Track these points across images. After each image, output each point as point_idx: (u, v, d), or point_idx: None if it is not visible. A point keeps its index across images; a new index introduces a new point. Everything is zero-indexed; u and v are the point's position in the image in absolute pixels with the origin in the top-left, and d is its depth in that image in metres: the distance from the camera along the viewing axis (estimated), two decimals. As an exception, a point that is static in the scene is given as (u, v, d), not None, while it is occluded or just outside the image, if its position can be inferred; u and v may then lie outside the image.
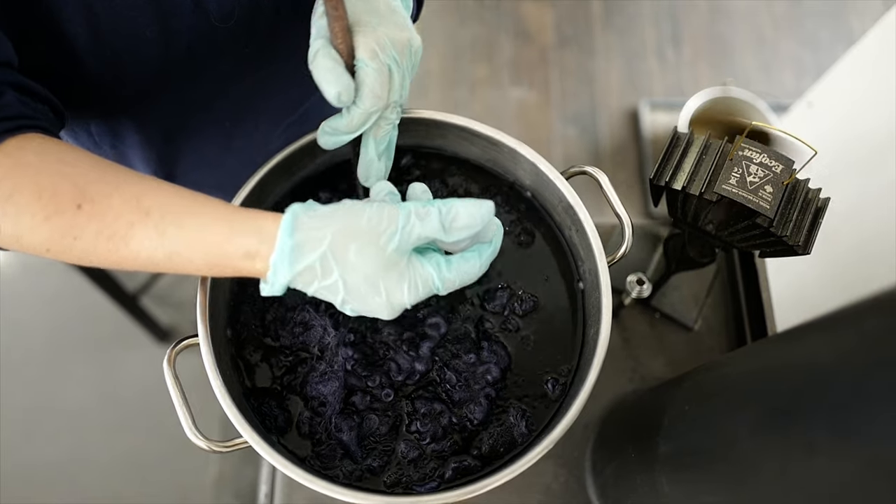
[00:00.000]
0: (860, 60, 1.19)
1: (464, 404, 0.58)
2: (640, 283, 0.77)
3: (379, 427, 0.57)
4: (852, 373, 0.32)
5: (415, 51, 0.50)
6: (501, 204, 0.67)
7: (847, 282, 0.99)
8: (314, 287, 0.44)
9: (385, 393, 0.58)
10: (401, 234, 0.43)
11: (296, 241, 0.43)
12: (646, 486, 0.56)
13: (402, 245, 0.44)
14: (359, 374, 0.58)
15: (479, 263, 0.48)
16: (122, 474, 1.66)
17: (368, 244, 0.43)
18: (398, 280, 0.45)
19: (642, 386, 0.82)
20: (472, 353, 0.59)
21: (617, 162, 2.03)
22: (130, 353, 1.77)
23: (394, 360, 0.59)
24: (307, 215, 0.43)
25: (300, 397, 0.58)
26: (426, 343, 0.59)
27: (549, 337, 0.62)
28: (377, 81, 0.47)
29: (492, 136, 0.62)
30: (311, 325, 0.59)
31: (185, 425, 0.52)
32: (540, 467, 0.78)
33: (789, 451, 0.36)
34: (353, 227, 0.43)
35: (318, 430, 0.57)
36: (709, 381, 0.51)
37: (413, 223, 0.44)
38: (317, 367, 0.58)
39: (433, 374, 0.59)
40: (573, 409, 0.52)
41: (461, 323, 0.61)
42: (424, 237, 0.45)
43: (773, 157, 0.60)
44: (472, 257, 0.48)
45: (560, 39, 2.21)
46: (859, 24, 2.24)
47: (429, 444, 0.57)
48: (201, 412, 0.54)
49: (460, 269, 0.47)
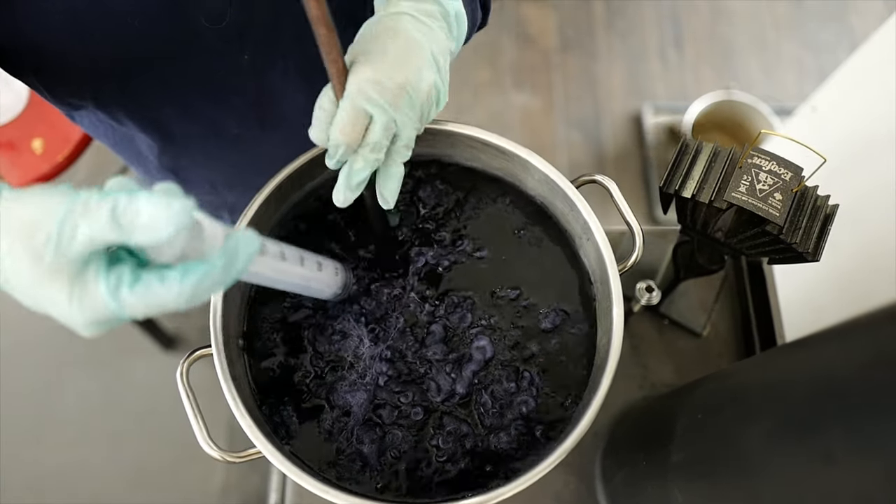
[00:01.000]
0: (864, 64, 1.19)
1: (493, 431, 0.58)
2: (649, 291, 0.78)
3: (402, 443, 0.57)
4: (869, 383, 0.32)
5: (417, 89, 0.47)
6: (511, 212, 0.67)
7: (854, 287, 0.99)
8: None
9: (415, 411, 0.58)
10: (58, 232, 0.33)
11: None
12: (657, 495, 0.57)
13: (61, 248, 0.33)
14: (391, 389, 0.58)
15: (178, 286, 0.35)
16: (127, 482, 1.66)
17: (21, 243, 0.33)
18: (65, 295, 0.34)
19: (652, 393, 0.83)
20: (513, 382, 0.59)
21: (620, 166, 2.03)
22: (136, 360, 1.78)
23: (434, 379, 0.59)
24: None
25: (326, 403, 0.59)
26: (470, 366, 0.59)
27: (561, 346, 0.62)
28: (342, 120, 0.46)
29: (502, 145, 0.62)
30: (348, 335, 0.60)
31: (199, 437, 0.52)
32: (550, 475, 0.77)
33: (805, 461, 0.36)
34: (13, 218, 0.34)
35: (338, 439, 0.57)
36: (722, 390, 0.51)
37: (75, 218, 0.33)
38: (347, 377, 0.59)
39: (471, 396, 0.59)
40: (585, 418, 0.52)
41: (506, 348, 0.61)
42: (93, 238, 0.33)
43: (782, 164, 0.61)
44: (171, 276, 0.35)
45: (562, 43, 2.21)
46: (861, 25, 2.24)
47: (444, 461, 0.57)
48: (209, 421, 0.55)
49: (149, 289, 0.35)
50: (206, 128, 0.70)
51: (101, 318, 0.35)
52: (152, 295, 0.35)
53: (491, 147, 0.63)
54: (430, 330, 0.61)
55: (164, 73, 0.60)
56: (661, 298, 0.85)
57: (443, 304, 0.62)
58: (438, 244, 0.65)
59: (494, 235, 0.66)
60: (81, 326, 0.35)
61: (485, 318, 0.61)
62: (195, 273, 0.35)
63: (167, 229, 0.33)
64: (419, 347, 0.60)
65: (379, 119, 0.46)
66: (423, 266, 0.64)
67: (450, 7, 0.52)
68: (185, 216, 0.34)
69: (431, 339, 0.60)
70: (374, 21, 0.50)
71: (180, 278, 0.35)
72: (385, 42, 0.48)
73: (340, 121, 0.46)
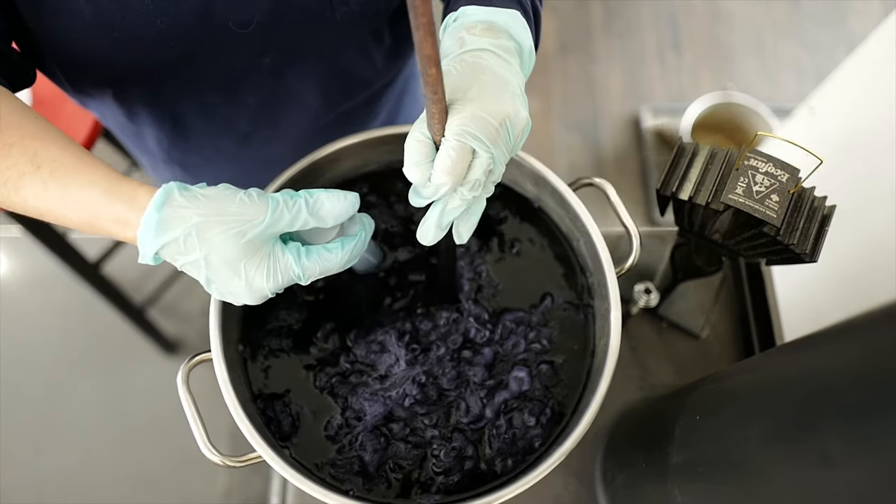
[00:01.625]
0: (862, 64, 1.19)
1: (498, 457, 0.58)
2: (647, 293, 0.78)
3: (404, 457, 0.57)
4: (865, 383, 0.32)
5: (514, 124, 0.47)
6: (509, 215, 0.67)
7: (853, 287, 0.99)
8: (180, 262, 0.46)
9: (432, 435, 0.58)
10: (269, 219, 0.45)
11: (162, 215, 0.44)
12: (658, 496, 0.57)
13: (265, 231, 0.46)
14: (415, 411, 0.58)
15: (340, 253, 0.49)
16: (130, 487, 1.66)
17: (232, 228, 0.45)
18: (258, 265, 0.46)
19: (651, 394, 0.83)
20: (533, 417, 0.59)
21: (619, 168, 2.03)
22: (138, 365, 1.78)
23: (465, 399, 0.59)
24: (180, 193, 0.45)
25: (340, 403, 0.59)
26: (503, 394, 0.59)
27: (559, 349, 0.62)
28: (448, 159, 0.44)
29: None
30: (386, 349, 0.60)
31: (199, 441, 0.53)
32: (550, 477, 0.78)
33: (803, 462, 0.36)
34: (221, 210, 0.45)
35: (342, 441, 0.57)
36: (720, 391, 0.51)
37: (282, 210, 0.46)
38: (371, 385, 0.59)
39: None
40: (584, 421, 0.52)
41: (539, 382, 0.60)
42: (291, 224, 0.47)
43: (778, 166, 0.61)
44: (334, 248, 0.49)
45: (561, 45, 2.22)
46: (859, 25, 2.24)
47: (439, 474, 0.57)
48: (210, 425, 0.55)
49: (321, 257, 0.49)
50: (219, 126, 0.71)
51: (285, 283, 0.48)
52: (323, 260, 0.49)
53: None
54: (480, 351, 0.61)
55: (187, 72, 0.61)
56: (660, 300, 0.85)
57: (497, 329, 0.62)
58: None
59: (491, 243, 0.66)
60: (258, 293, 0.47)
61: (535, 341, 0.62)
62: (347, 244, 0.50)
63: (348, 212, 0.49)
64: (459, 365, 0.60)
65: (482, 156, 0.45)
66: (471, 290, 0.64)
67: (524, 44, 0.52)
68: (356, 203, 0.49)
69: (479, 359, 0.60)
70: (454, 59, 0.48)
71: (340, 248, 0.50)
72: (476, 79, 0.46)
73: (448, 159, 0.44)
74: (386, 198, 0.68)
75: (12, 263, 1.90)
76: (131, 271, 1.83)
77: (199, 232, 0.44)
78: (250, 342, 0.61)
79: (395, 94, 0.84)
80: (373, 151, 0.65)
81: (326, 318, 0.62)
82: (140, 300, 1.65)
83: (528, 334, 0.62)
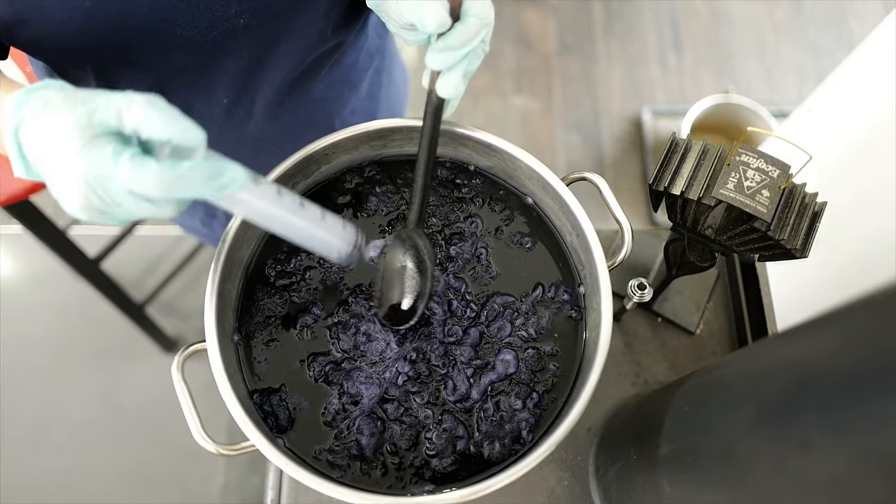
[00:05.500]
0: (860, 65, 1.19)
1: (486, 440, 0.59)
2: (641, 288, 0.78)
3: (400, 438, 0.58)
4: (842, 370, 0.32)
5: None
6: (502, 209, 0.68)
7: (848, 285, 0.99)
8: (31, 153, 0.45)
9: (425, 415, 0.59)
10: (94, 112, 0.42)
11: (24, 96, 0.45)
12: (647, 487, 0.57)
13: (94, 119, 0.42)
14: (407, 388, 0.59)
15: (162, 169, 0.42)
16: (128, 484, 1.66)
17: (70, 112, 0.43)
18: (78, 149, 0.42)
19: (645, 390, 0.83)
20: (519, 400, 0.60)
21: (619, 169, 2.04)
22: (137, 362, 1.79)
23: (452, 378, 0.60)
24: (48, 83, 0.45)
25: (336, 389, 0.60)
26: (490, 375, 0.60)
27: (548, 338, 0.63)
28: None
29: (492, 143, 0.63)
30: (374, 338, 0.61)
31: (193, 429, 0.53)
32: (544, 472, 0.78)
33: (784, 448, 0.36)
34: (65, 98, 0.44)
35: (339, 426, 0.58)
36: (707, 383, 0.52)
37: (105, 110, 0.42)
38: (366, 369, 0.60)
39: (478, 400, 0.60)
40: (574, 410, 0.53)
41: (525, 366, 0.61)
42: (115, 118, 0.42)
43: (769, 161, 0.61)
44: (163, 161, 0.42)
45: (562, 46, 2.22)
46: (860, 28, 2.25)
47: (433, 456, 0.58)
48: (206, 420, 0.55)
49: (142, 164, 0.42)
50: (201, 97, 0.72)
51: (97, 176, 0.42)
52: (142, 171, 0.41)
53: (482, 145, 0.64)
54: (467, 332, 0.62)
55: (165, 38, 0.62)
56: (655, 296, 0.85)
57: (484, 312, 0.63)
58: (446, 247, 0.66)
59: (486, 236, 0.67)
60: (79, 197, 0.43)
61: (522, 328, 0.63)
62: (181, 167, 0.42)
63: (168, 129, 0.42)
64: (457, 345, 0.61)
65: None
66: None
67: None
68: (186, 129, 0.42)
69: (466, 339, 0.61)
70: None
71: (169, 165, 0.42)
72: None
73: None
74: (388, 184, 0.68)
75: (12, 260, 1.91)
76: (131, 268, 1.84)
77: (49, 105, 0.43)
78: (245, 333, 0.62)
79: (373, 66, 0.87)
80: (366, 146, 0.66)
81: (307, 308, 0.63)
82: (139, 297, 1.66)
83: (516, 320, 0.62)
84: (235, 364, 0.59)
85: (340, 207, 0.67)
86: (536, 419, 0.59)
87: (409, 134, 0.65)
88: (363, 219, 0.67)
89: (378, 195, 0.68)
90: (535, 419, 0.59)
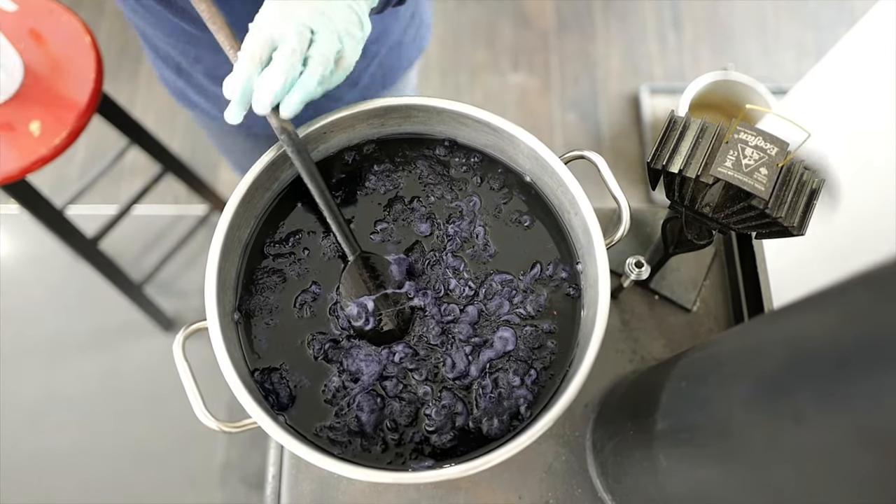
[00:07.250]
0: (859, 40, 1.19)
1: (485, 416, 0.59)
2: (638, 266, 0.78)
3: (399, 415, 0.59)
4: (836, 345, 0.33)
5: None
6: (500, 188, 0.68)
7: (845, 262, 1.00)
8: None
9: (424, 392, 0.60)
10: None
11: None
12: (644, 462, 0.58)
13: None
14: (405, 366, 0.60)
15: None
16: (129, 462, 1.68)
17: None
18: None
19: (642, 367, 0.84)
20: (518, 377, 0.60)
21: (618, 147, 2.03)
22: (136, 342, 1.80)
23: (451, 356, 0.60)
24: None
25: (336, 367, 0.60)
26: (488, 352, 0.61)
27: (546, 315, 0.63)
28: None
29: (491, 121, 0.63)
30: None
31: (195, 406, 0.54)
32: (542, 447, 0.79)
33: (778, 422, 0.37)
34: None
35: (339, 402, 0.59)
36: (704, 359, 0.52)
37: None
38: (365, 347, 0.60)
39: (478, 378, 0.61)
40: (572, 387, 0.53)
41: (523, 343, 0.62)
42: None
43: (768, 139, 0.61)
44: None
45: (560, 23, 2.20)
46: (861, 4, 2.23)
47: (432, 432, 0.59)
48: (207, 399, 0.56)
49: None
50: None
51: None
52: None
53: (480, 123, 0.64)
54: (465, 310, 0.63)
55: None
56: (652, 274, 0.86)
57: (482, 289, 0.64)
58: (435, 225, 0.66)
59: (484, 215, 0.67)
60: None
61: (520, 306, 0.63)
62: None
63: None
64: (446, 324, 0.62)
65: None
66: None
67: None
68: None
69: (464, 317, 0.62)
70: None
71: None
72: None
73: None
74: (386, 162, 0.68)
75: (10, 240, 1.91)
76: (129, 248, 1.85)
77: None
78: (245, 311, 0.62)
79: (386, 44, 0.88)
80: (363, 124, 0.66)
81: (306, 286, 0.63)
82: (138, 277, 1.66)
83: (514, 297, 0.63)
84: (236, 342, 0.60)
85: (339, 185, 0.67)
86: (534, 396, 0.60)
87: (406, 112, 0.65)
88: (362, 197, 0.67)
89: (377, 173, 0.68)
90: (533, 396, 0.60)
